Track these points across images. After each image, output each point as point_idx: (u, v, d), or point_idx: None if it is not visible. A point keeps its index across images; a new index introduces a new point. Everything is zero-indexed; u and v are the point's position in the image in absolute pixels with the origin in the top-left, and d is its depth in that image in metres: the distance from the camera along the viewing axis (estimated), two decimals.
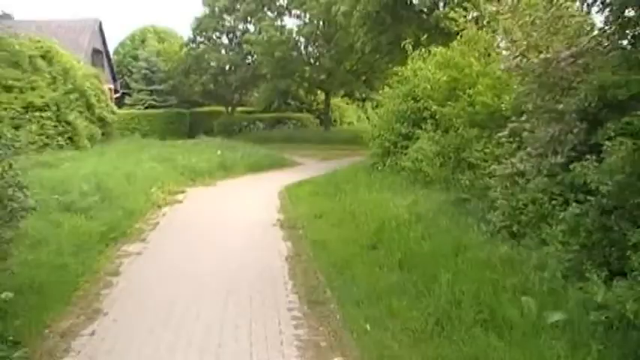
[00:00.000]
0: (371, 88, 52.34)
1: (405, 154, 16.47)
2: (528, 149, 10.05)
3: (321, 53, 40.96)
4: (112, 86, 49.99)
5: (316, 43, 42.34)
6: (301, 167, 27.20)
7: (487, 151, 11.73)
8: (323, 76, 43.50)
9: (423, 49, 19.16)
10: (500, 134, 11.10)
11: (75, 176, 15.42)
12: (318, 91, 49.23)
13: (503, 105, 11.81)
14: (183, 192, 18.27)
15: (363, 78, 46.64)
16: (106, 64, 49.59)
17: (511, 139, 10.90)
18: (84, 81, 28.95)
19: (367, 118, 61.63)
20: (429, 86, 16.43)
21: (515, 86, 11.45)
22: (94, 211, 12.69)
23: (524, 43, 10.98)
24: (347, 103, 57.67)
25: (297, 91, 49.28)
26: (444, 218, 10.79)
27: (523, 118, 10.50)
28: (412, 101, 17.16)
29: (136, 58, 53.53)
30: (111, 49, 53.80)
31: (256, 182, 21.64)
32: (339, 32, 39.89)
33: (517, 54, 10.79)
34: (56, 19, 46.38)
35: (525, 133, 10.05)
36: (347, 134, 43.26)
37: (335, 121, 52.80)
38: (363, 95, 57.14)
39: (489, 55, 15.17)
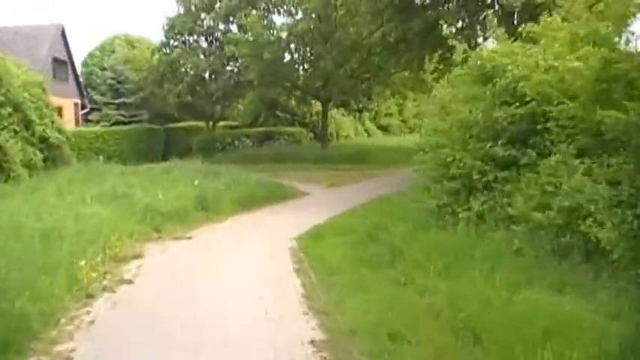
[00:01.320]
0: (368, 97, 46.08)
1: (512, 194, 9.74)
2: None
3: (319, 54, 33.80)
4: (78, 101, 43.84)
5: (312, 43, 35.18)
6: (308, 200, 20.32)
7: None
8: (319, 83, 36.52)
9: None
10: None
11: None
12: (313, 101, 42.35)
13: None
14: (138, 257, 11.39)
15: (363, 85, 39.94)
16: (71, 76, 43.44)
17: None
18: (21, 91, 22.15)
19: (366, 131, 55.17)
20: (548, 77, 9.76)
21: None
22: None
23: None
24: (342, 115, 50.86)
25: (287, 101, 42.53)
26: None
27: None
28: (515, 105, 10.36)
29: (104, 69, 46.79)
30: (80, 61, 48.13)
31: (252, 230, 14.63)
32: (339, 30, 33.43)
33: None
34: (12, 25, 40.65)
35: None
36: (348, 150, 36.42)
37: (330, 135, 45.97)
38: (360, 105, 50.86)
39: None
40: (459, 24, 25.64)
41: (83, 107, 44.91)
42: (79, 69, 46.68)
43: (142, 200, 15.47)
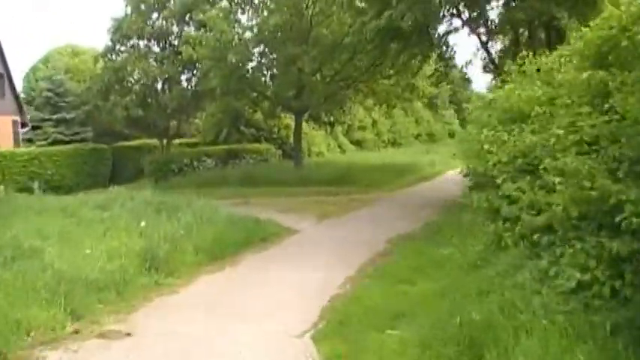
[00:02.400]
0: (342, 108, 40.93)
1: None
2: None
3: (293, 56, 27.98)
4: (17, 118, 38.46)
5: (284, 43, 29.29)
6: (300, 243, 14.67)
7: None
8: (292, 92, 30.76)
9: None
10: None
11: None
12: (282, 114, 36.96)
13: None
14: None
15: (342, 93, 34.35)
16: (8, 91, 38.05)
17: None
18: None
19: (339, 147, 49.65)
20: None
21: None
22: None
23: None
24: (313, 129, 45.33)
25: (252, 114, 37.13)
26: None
27: None
28: None
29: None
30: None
31: (229, 312, 9.04)
32: (316, 28, 28.31)
33: None
34: None
35: None
36: (327, 170, 30.57)
37: (301, 152, 40.45)
38: (332, 118, 45.64)
39: None
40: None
41: (24, 126, 39.45)
42: (21, 84, 41.38)
43: (56, 261, 9.92)
